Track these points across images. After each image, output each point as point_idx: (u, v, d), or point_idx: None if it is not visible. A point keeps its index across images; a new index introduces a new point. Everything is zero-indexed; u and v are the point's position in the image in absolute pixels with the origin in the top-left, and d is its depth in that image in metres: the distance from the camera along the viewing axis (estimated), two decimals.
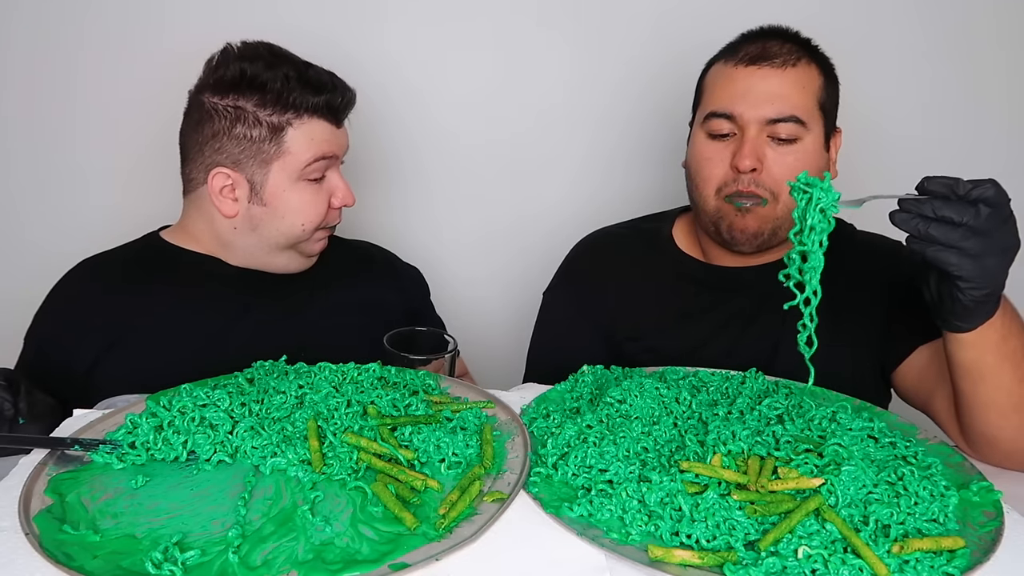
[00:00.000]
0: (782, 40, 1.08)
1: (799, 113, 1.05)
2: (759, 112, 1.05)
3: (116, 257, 1.16)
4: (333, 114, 1.10)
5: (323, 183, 1.11)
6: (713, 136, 1.09)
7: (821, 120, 1.08)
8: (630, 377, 0.91)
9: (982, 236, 0.76)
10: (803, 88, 1.06)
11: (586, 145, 1.60)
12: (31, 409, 0.89)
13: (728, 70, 1.09)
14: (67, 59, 1.47)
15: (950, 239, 0.76)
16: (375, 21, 1.50)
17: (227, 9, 1.45)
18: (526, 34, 1.53)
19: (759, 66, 1.06)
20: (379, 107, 1.52)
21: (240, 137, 1.06)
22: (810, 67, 1.07)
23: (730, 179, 1.07)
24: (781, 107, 1.04)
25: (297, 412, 0.81)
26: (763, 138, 1.05)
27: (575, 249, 1.29)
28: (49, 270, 1.16)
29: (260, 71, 1.06)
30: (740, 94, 1.06)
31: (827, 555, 0.60)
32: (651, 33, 1.52)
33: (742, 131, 1.06)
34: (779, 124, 1.04)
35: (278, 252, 1.14)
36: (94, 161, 1.52)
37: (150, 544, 0.62)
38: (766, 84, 1.05)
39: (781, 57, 1.06)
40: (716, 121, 1.08)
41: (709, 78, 1.13)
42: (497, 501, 0.69)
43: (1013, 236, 0.80)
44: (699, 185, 1.11)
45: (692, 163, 1.13)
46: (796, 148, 1.05)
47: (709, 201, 1.10)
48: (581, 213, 1.56)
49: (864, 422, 0.80)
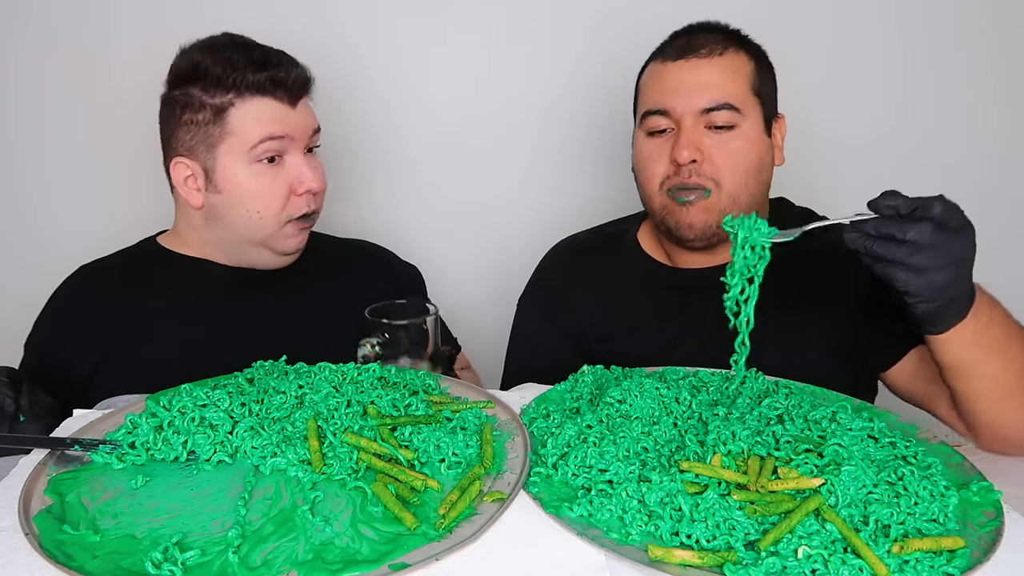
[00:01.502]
0: (708, 31, 1.10)
1: (731, 100, 1.05)
2: (691, 103, 1.06)
3: (113, 263, 1.18)
4: (282, 92, 1.07)
5: (281, 167, 1.08)
6: (652, 134, 1.10)
7: (758, 105, 1.09)
8: (630, 377, 0.91)
9: (928, 251, 0.77)
10: (733, 74, 1.07)
11: (584, 144, 1.60)
12: (32, 407, 0.90)
13: (658, 67, 1.11)
14: (62, 61, 1.47)
15: (895, 256, 0.78)
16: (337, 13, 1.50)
17: (229, 9, 1.45)
18: (515, 32, 1.53)
19: (687, 59, 1.07)
20: (371, 112, 1.53)
21: (188, 123, 1.07)
22: (738, 54, 1.09)
23: (672, 172, 1.08)
24: (713, 95, 1.05)
25: (297, 412, 0.81)
26: (700, 129, 1.06)
27: (546, 256, 1.30)
28: (49, 276, 1.16)
29: (204, 57, 1.06)
30: (671, 88, 1.07)
31: (827, 555, 0.60)
32: (617, 32, 1.52)
33: (678, 125, 1.07)
34: (713, 113, 1.05)
35: (250, 247, 1.12)
36: (94, 166, 1.52)
37: (150, 544, 0.62)
38: (695, 75, 1.06)
39: (707, 47, 1.07)
40: (653, 119, 1.09)
41: (643, 78, 1.15)
42: (497, 501, 0.69)
43: (963, 248, 0.80)
44: (643, 184, 1.13)
45: (636, 164, 1.15)
46: (734, 134, 1.06)
47: (654, 198, 1.11)
48: (579, 214, 1.56)
49: (864, 422, 0.80)
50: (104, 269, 1.16)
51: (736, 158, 1.06)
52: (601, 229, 1.30)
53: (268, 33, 1.12)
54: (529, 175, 1.61)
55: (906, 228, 0.77)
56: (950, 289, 0.81)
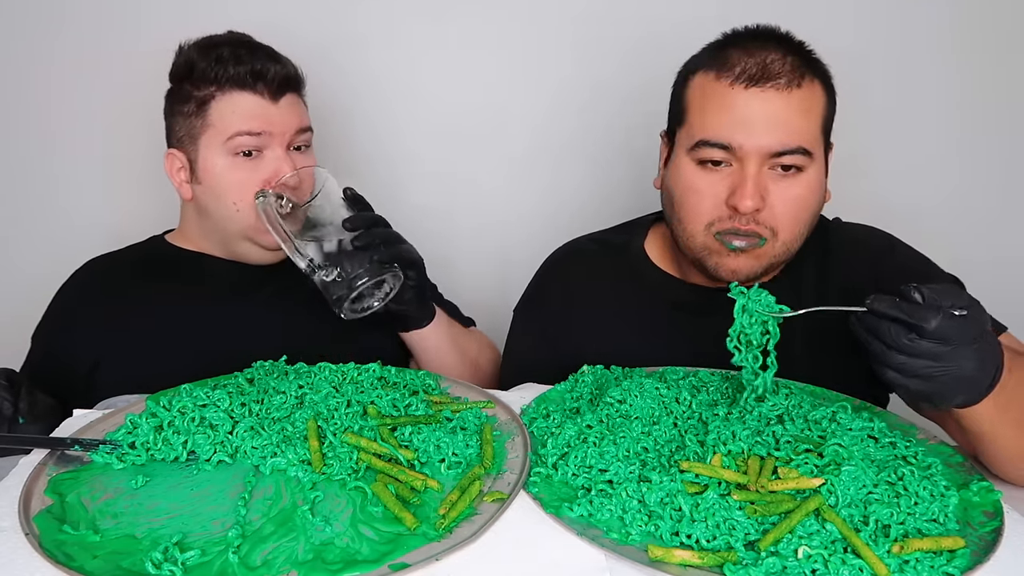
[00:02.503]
0: (782, 51, 0.93)
1: (806, 143, 0.93)
2: (762, 143, 0.91)
3: (120, 259, 1.19)
4: (262, 86, 1.07)
5: (260, 162, 1.08)
6: (702, 162, 0.96)
7: (823, 144, 0.97)
8: (630, 377, 0.91)
9: (937, 361, 0.71)
10: (809, 112, 0.93)
11: (588, 142, 1.59)
12: (31, 409, 0.90)
13: (721, 89, 0.93)
14: (72, 58, 1.47)
15: (915, 370, 0.72)
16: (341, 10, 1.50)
17: (237, 9, 1.45)
18: (515, 33, 1.52)
19: (761, 88, 0.91)
20: (372, 112, 1.53)
21: (177, 115, 1.10)
22: (814, 85, 0.94)
23: (724, 216, 0.95)
24: (787, 138, 0.91)
25: (297, 412, 0.81)
26: (765, 171, 0.93)
27: (545, 266, 1.20)
28: (56, 271, 1.17)
29: (196, 53, 1.08)
30: (740, 122, 0.92)
31: (827, 555, 0.60)
32: (631, 36, 1.51)
33: (740, 163, 0.93)
34: (784, 156, 0.92)
35: (236, 240, 1.12)
36: (102, 162, 1.52)
37: (150, 544, 0.62)
38: (769, 109, 0.91)
39: (785, 76, 0.91)
40: (709, 151, 0.94)
41: (695, 92, 0.97)
42: (497, 501, 0.69)
43: (976, 358, 0.72)
44: (684, 218, 0.99)
45: (676, 191, 0.99)
46: (800, 180, 0.94)
47: (696, 237, 0.98)
48: (580, 210, 1.56)
49: (864, 422, 0.80)
50: (111, 265, 1.18)
51: (798, 207, 0.95)
52: (604, 239, 1.18)
53: (273, 33, 1.12)
54: (531, 173, 1.60)
55: (899, 336, 0.71)
56: (969, 385, 0.74)
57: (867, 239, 1.09)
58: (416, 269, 1.05)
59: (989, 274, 1.17)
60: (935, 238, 1.16)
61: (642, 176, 1.50)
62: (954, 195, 1.59)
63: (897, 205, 1.46)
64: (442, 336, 1.15)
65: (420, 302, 1.10)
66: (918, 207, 1.51)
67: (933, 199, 1.57)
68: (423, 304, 1.11)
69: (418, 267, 1.05)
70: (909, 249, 1.06)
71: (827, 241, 1.08)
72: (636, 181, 1.55)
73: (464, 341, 1.20)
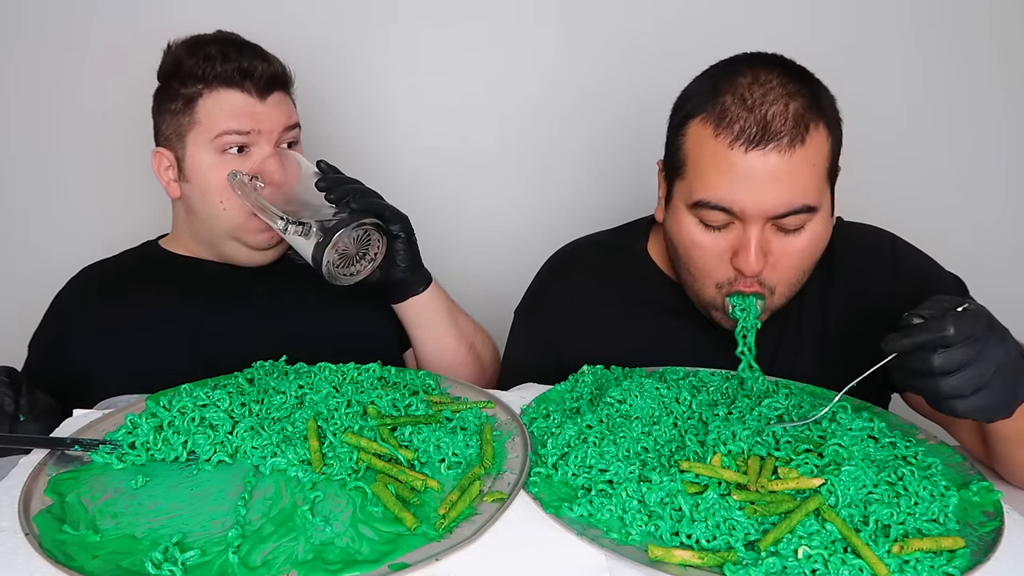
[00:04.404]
0: (784, 100, 0.87)
1: (810, 200, 0.88)
2: (765, 207, 0.87)
3: (116, 264, 1.19)
4: (249, 84, 1.07)
5: (247, 159, 1.08)
6: (705, 224, 0.92)
7: (829, 189, 0.93)
8: (630, 377, 0.91)
9: (965, 371, 0.71)
10: (813, 168, 0.88)
11: (582, 145, 1.59)
12: (32, 407, 0.90)
13: (720, 149, 0.88)
14: (70, 60, 1.46)
15: (942, 391, 0.72)
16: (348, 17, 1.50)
17: (226, 13, 1.44)
18: (508, 34, 1.52)
19: (763, 149, 0.86)
20: (374, 110, 1.52)
21: (165, 113, 1.10)
22: (819, 132, 0.88)
23: (732, 277, 0.93)
24: (790, 198, 0.87)
25: (297, 412, 0.81)
26: (768, 229, 0.90)
27: (545, 268, 1.18)
28: (53, 278, 1.17)
29: (183, 52, 1.08)
30: (740, 183, 0.87)
31: (827, 555, 0.60)
32: (632, 38, 1.50)
33: (743, 223, 0.90)
34: (787, 217, 0.88)
35: (224, 240, 1.12)
36: (97, 167, 1.52)
37: (150, 544, 0.62)
38: (771, 171, 0.86)
39: (787, 135, 0.86)
40: (711, 213, 0.90)
41: (692, 144, 0.92)
42: (497, 501, 0.69)
43: (996, 352, 0.73)
44: (694, 272, 0.97)
45: (679, 243, 0.97)
46: (804, 235, 0.91)
47: (706, 292, 0.97)
48: (570, 214, 1.56)
49: (864, 422, 0.80)
50: (107, 270, 1.18)
51: (802, 258, 0.93)
52: (605, 241, 1.16)
53: (269, 32, 1.13)
54: (532, 174, 1.60)
55: (931, 362, 0.71)
56: (1012, 374, 0.74)
57: (869, 239, 1.08)
58: (402, 222, 1.03)
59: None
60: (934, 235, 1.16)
61: (640, 177, 1.50)
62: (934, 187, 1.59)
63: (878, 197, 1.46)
64: (440, 308, 1.12)
65: (413, 262, 1.07)
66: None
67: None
68: (416, 266, 1.09)
69: (403, 221, 1.03)
70: (910, 248, 1.06)
71: (831, 242, 1.08)
72: (634, 182, 1.55)
73: (463, 322, 1.17)
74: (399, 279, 1.08)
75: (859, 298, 1.03)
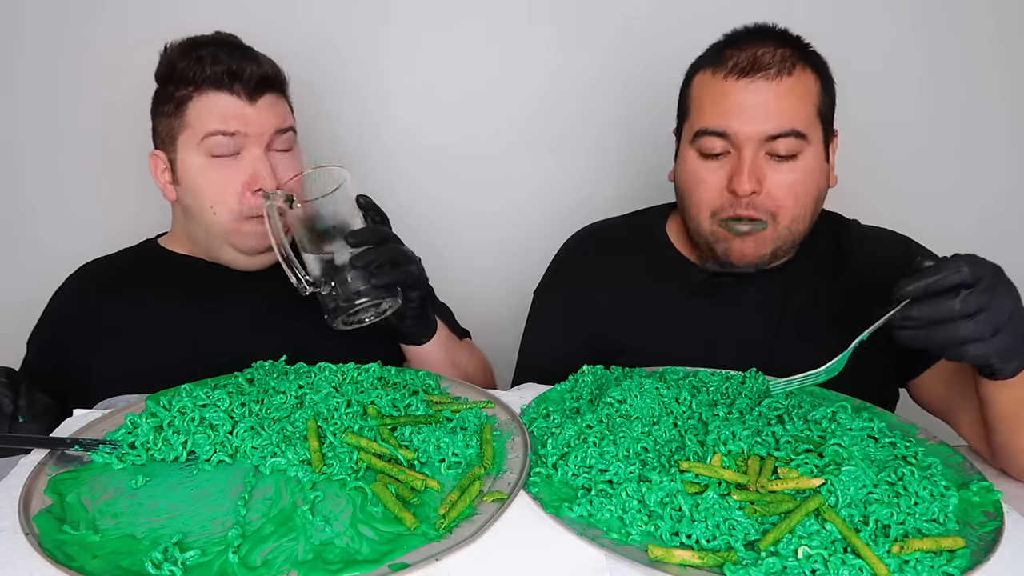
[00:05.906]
0: (773, 44, 0.99)
1: (799, 126, 0.97)
2: (755, 129, 0.97)
3: (115, 262, 1.19)
4: (239, 86, 1.06)
5: (238, 163, 1.07)
6: (705, 155, 1.01)
7: (820, 128, 1.01)
8: (630, 377, 0.91)
9: (986, 313, 0.73)
10: (800, 98, 0.98)
11: (580, 134, 1.59)
12: (31, 408, 0.90)
13: (717, 83, 1.00)
14: (76, 59, 1.47)
15: (960, 336, 0.73)
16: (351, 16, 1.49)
17: (228, 14, 1.44)
18: (508, 30, 1.52)
19: (751, 78, 0.97)
20: (375, 108, 1.52)
21: (160, 115, 1.10)
22: (806, 73, 0.99)
23: (726, 203, 1.00)
24: (779, 122, 0.97)
25: (297, 412, 0.81)
26: (761, 156, 0.98)
27: (565, 248, 1.23)
28: (51, 276, 1.17)
29: (177, 54, 1.08)
30: (733, 110, 0.98)
31: (827, 555, 0.60)
32: (634, 25, 1.50)
33: (738, 150, 0.99)
34: (778, 140, 0.97)
35: (218, 243, 1.12)
36: (103, 166, 1.52)
37: (150, 544, 0.62)
38: (761, 98, 0.97)
39: (775, 66, 0.97)
40: (708, 140, 1.00)
41: (696, 89, 1.04)
42: (497, 501, 0.69)
43: (1009, 295, 0.76)
44: (692, 208, 1.05)
45: (683, 182, 1.06)
46: (797, 164, 0.99)
47: (703, 224, 1.04)
48: (577, 203, 1.56)
49: (864, 422, 0.80)
50: (106, 268, 1.17)
51: (796, 191, 0.99)
52: (625, 223, 1.21)
53: (267, 32, 1.12)
54: (532, 173, 1.60)
55: (952, 305, 0.72)
56: (1017, 335, 0.76)
57: (885, 241, 1.11)
58: (420, 289, 1.02)
59: None
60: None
61: (648, 166, 1.50)
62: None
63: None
64: (439, 352, 1.13)
65: (421, 322, 1.08)
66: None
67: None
68: (424, 323, 1.09)
69: (422, 287, 1.02)
70: (926, 251, 1.08)
71: (840, 237, 1.11)
72: (635, 182, 1.55)
73: (458, 354, 1.18)
74: (404, 333, 1.09)
75: (874, 296, 1.04)
